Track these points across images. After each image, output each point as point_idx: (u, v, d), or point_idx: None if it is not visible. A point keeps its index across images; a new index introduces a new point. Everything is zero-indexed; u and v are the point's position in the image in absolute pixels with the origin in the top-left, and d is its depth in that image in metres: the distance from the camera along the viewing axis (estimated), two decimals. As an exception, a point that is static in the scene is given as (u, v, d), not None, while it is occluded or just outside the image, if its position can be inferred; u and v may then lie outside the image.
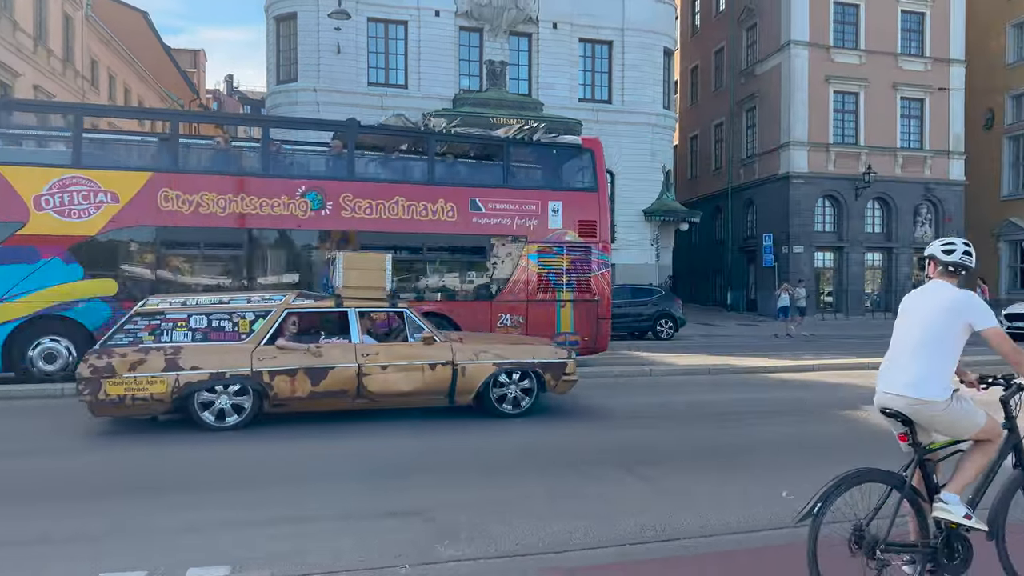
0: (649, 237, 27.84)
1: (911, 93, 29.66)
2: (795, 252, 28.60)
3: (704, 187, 36.38)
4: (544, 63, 26.57)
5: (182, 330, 7.99)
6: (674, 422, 8.86)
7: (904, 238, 29.97)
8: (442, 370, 8.49)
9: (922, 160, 29.98)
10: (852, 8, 29.04)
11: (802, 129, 28.56)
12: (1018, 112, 32.47)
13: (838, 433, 8.35)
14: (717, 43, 34.87)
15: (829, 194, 29.22)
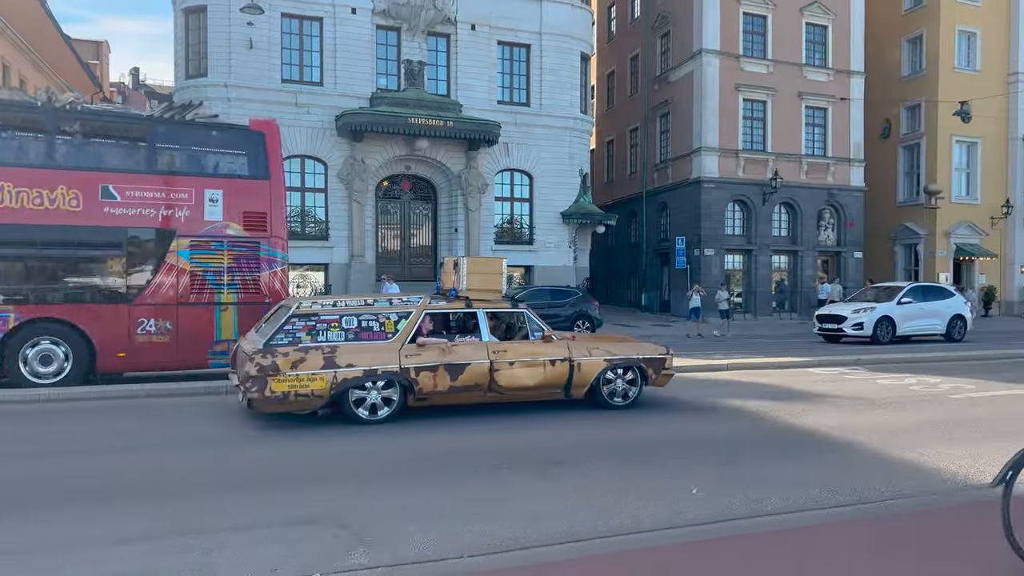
0: (567, 239, 28.17)
1: (815, 102, 30.98)
2: (706, 254, 29.43)
3: (620, 191, 37.05)
4: (462, 64, 26.55)
5: (335, 330, 8.61)
6: (583, 423, 8.95)
7: (808, 241, 31.25)
8: (560, 366, 9.31)
9: (825, 167, 31.34)
10: (760, 19, 30.11)
11: (713, 135, 29.43)
12: (912, 123, 34.35)
13: (745, 430, 8.62)
14: (632, 49, 35.58)
15: (739, 199, 30.20)
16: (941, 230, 32.81)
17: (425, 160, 26.30)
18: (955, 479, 6.53)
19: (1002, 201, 33.79)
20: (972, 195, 33.77)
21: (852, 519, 5.29)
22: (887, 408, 10.01)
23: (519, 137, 27.28)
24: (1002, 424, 9.01)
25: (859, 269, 32.18)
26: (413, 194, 27.23)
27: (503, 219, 27.80)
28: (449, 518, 5.32)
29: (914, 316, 20.38)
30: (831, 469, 6.84)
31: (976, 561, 4.51)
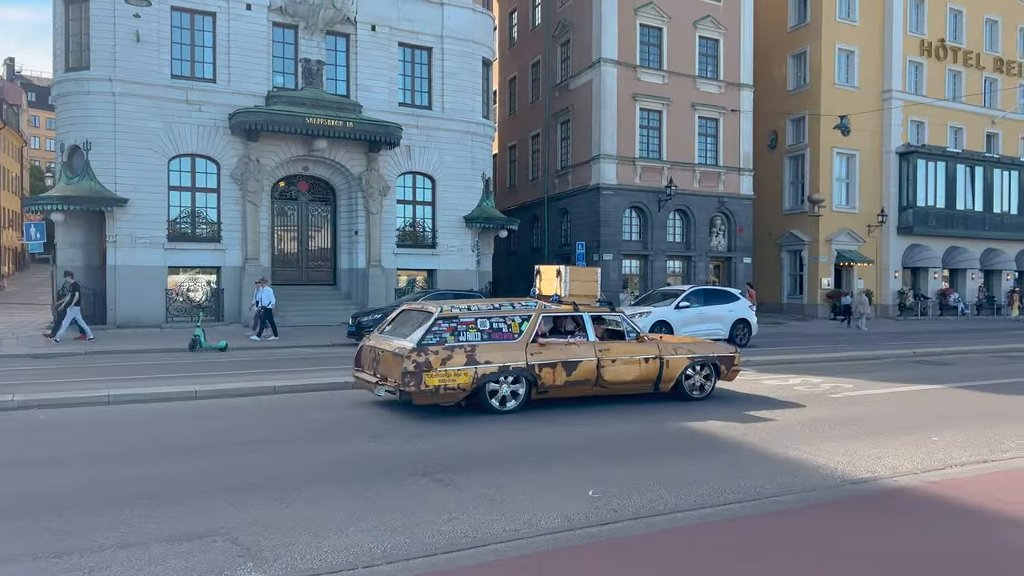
0: (470, 243, 28.16)
1: (707, 113, 32.13)
2: (605, 259, 30.03)
3: (523, 195, 37.36)
4: (362, 65, 26.14)
5: (473, 331, 9.59)
6: (482, 425, 8.94)
7: (701, 247, 32.37)
8: (653, 363, 10.54)
9: (717, 175, 32.55)
10: (656, 31, 31.00)
11: (611, 143, 30.08)
12: (797, 135, 36.15)
13: (646, 432, 8.80)
14: (534, 56, 35.97)
15: (636, 205, 30.98)
16: (823, 237, 34.65)
17: (324, 161, 25.74)
18: (834, 475, 6.86)
19: (878, 210, 35.99)
20: (851, 204, 35.82)
21: (737, 516, 5.47)
22: (779, 409, 10.44)
23: (421, 140, 27.10)
24: (877, 422, 9.55)
25: (748, 274, 33.56)
26: (311, 195, 26.60)
27: (405, 222, 27.53)
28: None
29: (693, 321, 19.33)
30: (721, 468, 7.06)
31: (853, 554, 4.74)
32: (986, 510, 5.64)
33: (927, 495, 6.05)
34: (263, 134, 23.92)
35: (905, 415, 10.02)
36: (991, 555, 4.72)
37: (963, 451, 7.84)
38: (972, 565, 4.55)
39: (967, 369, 15.37)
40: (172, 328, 22.66)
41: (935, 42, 37.32)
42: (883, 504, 5.83)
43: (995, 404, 11.10)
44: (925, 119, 37.12)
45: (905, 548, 4.84)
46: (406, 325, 10.06)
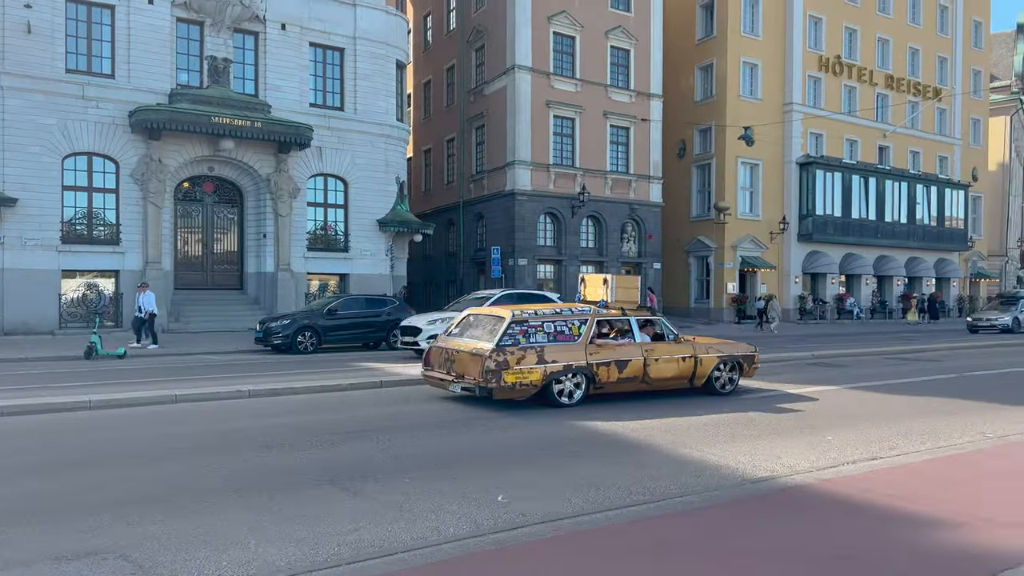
0: (384, 247, 27.85)
1: (619, 122, 32.80)
2: (520, 264, 30.24)
3: (438, 200, 37.22)
4: (272, 64, 25.52)
5: (540, 334, 10.62)
6: (404, 432, 8.83)
7: (613, 252, 32.99)
8: (689, 361, 11.64)
9: (628, 183, 33.25)
10: (569, 40, 31.46)
11: (526, 149, 30.32)
12: (704, 144, 37.31)
13: (552, 435, 8.85)
14: (448, 60, 35.93)
15: (550, 211, 31.32)
16: (729, 243, 35.86)
17: (231, 162, 24.98)
18: (735, 475, 7.07)
19: (779, 218, 37.51)
20: (755, 212, 37.21)
21: (642, 518, 5.56)
22: (681, 409, 10.70)
23: (333, 142, 26.64)
24: (777, 420, 9.91)
25: (658, 279, 34.42)
26: (217, 197, 25.76)
27: (316, 225, 27.00)
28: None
29: None
30: (628, 470, 7.17)
31: (751, 552, 4.88)
32: (875, 505, 5.91)
33: (821, 492, 6.29)
34: (166, 133, 23.03)
35: (803, 415, 10.43)
36: (879, 549, 4.94)
37: (855, 449, 8.22)
38: (862, 559, 4.75)
39: (861, 370, 16.16)
40: (66, 335, 21.53)
41: (832, 58, 39.22)
42: (781, 502, 6.04)
43: (886, 404, 11.69)
44: (823, 131, 38.95)
45: (800, 544, 5.02)
46: (477, 328, 11.12)
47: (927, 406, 11.44)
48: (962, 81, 46.11)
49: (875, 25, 41.26)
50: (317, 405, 10.83)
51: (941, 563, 4.64)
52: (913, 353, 20.66)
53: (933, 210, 43.36)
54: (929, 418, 10.36)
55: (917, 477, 6.86)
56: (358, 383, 12.72)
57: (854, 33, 40.39)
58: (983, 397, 12.47)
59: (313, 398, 11.53)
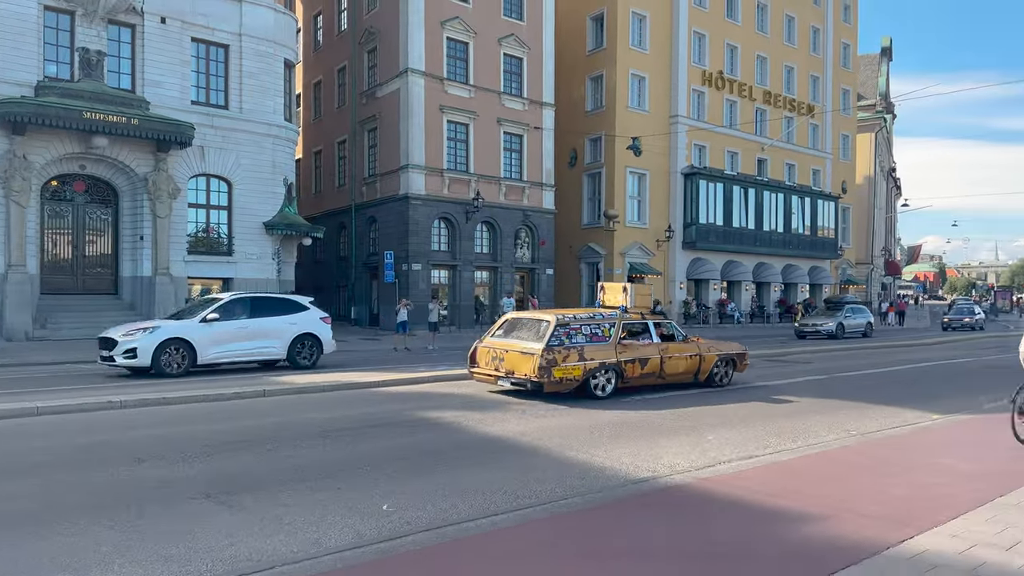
0: (271, 251, 26.97)
1: (512, 129, 33.08)
2: (414, 269, 29.98)
3: (329, 202, 36.42)
4: (151, 59, 24.29)
5: (579, 335, 12.23)
6: (287, 443, 8.54)
7: (507, 258, 33.22)
8: (695, 359, 13.58)
9: (521, 189, 33.58)
10: (462, 45, 31.48)
11: (419, 154, 30.11)
12: (594, 153, 38.14)
13: (442, 441, 8.79)
14: (340, 61, 35.27)
15: (444, 216, 31.21)
16: (618, 250, 36.79)
17: (105, 160, 23.61)
18: (618, 476, 7.21)
19: (665, 226, 38.78)
20: (643, 220, 38.32)
21: (527, 521, 5.58)
22: (568, 412, 10.85)
23: (217, 141, 25.61)
24: (660, 421, 10.20)
25: (551, 284, 34.90)
26: (89, 197, 24.24)
27: (198, 227, 25.85)
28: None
29: (233, 338, 15.51)
30: (515, 474, 7.19)
31: (631, 552, 4.97)
32: (750, 502, 6.15)
33: (699, 491, 6.50)
34: (32, 128, 21.51)
35: (686, 416, 10.79)
36: (752, 544, 5.14)
37: (732, 448, 8.55)
38: (736, 555, 4.93)
39: (743, 374, 16.88)
40: (-88, 344, 19.71)
41: (715, 73, 40.95)
42: (661, 502, 6.20)
43: (763, 404, 12.24)
44: (707, 143, 40.59)
45: (677, 543, 5.16)
46: (522, 330, 12.62)
47: (800, 406, 12.07)
48: (832, 99, 49.12)
49: (754, 43, 43.39)
50: (195, 415, 10.35)
51: (809, 555, 4.87)
52: (789, 355, 21.78)
53: (807, 220, 45.94)
54: (802, 417, 10.92)
55: (789, 474, 7.19)
56: (241, 392, 12.23)
57: (735, 50, 42.32)
58: (849, 397, 13.27)
59: (191, 408, 11.02)
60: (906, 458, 7.97)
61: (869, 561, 4.68)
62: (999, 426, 10.04)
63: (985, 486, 6.68)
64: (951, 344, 29.86)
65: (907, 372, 18.19)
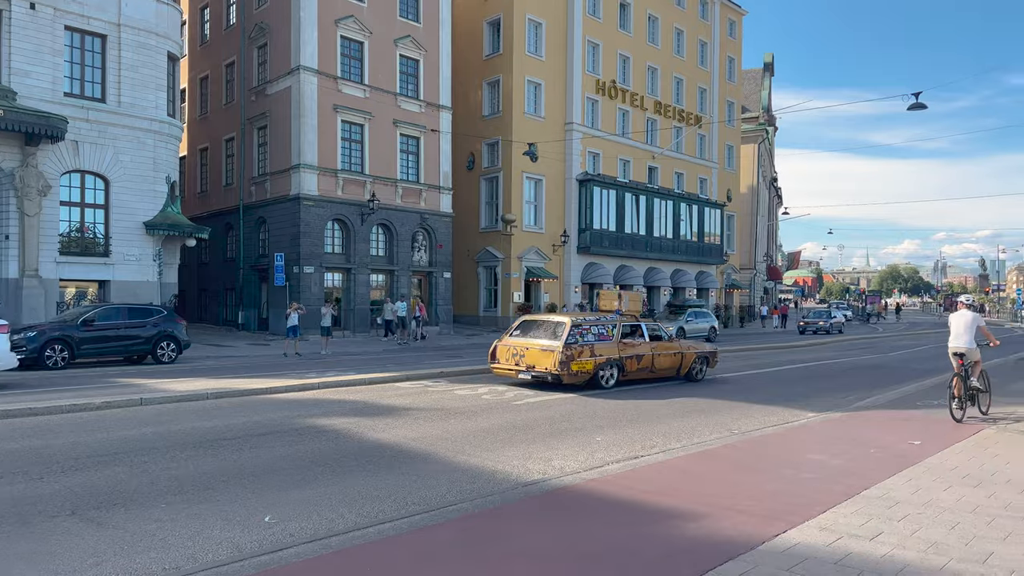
0: (151, 252, 25.66)
1: (409, 131, 32.78)
2: (306, 272, 29.21)
3: (215, 202, 35.03)
4: (18, 47, 22.66)
5: (590, 335, 14.16)
6: (163, 454, 8.10)
7: (404, 261, 32.86)
8: (677, 356, 15.60)
9: (418, 192, 33.31)
10: (357, 44, 30.97)
11: (312, 153, 29.39)
12: (492, 158, 38.29)
13: (330, 449, 8.56)
14: (228, 56, 34.01)
15: (338, 217, 30.57)
16: (515, 254, 37.05)
17: (-35, 153, 21.86)
18: (509, 478, 7.22)
19: (561, 231, 39.37)
20: (539, 225, 38.75)
21: (416, 528, 5.49)
22: (460, 417, 10.81)
23: (93, 136, 24.16)
24: (552, 425, 10.30)
25: (448, 288, 34.78)
26: (-54, 193, 22.40)
27: (71, 227, 24.28)
28: None
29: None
30: (406, 480, 7.09)
31: (519, 554, 4.97)
32: (635, 501, 6.28)
33: (586, 492, 6.59)
34: None
35: (575, 418, 10.94)
36: (635, 543, 5.24)
37: (620, 449, 8.73)
38: (621, 553, 5.00)
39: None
40: None
41: (608, 83, 41.93)
42: (550, 503, 6.24)
43: (648, 406, 12.57)
44: (600, 151, 41.48)
45: (564, 544, 5.19)
46: (539, 330, 14.58)
47: (686, 406, 12.46)
48: (719, 110, 51.22)
49: (646, 54, 44.71)
50: (63, 427, 9.70)
51: (690, 552, 5.00)
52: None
53: (695, 227, 47.67)
54: (687, 417, 11.27)
55: (673, 472, 7.39)
56: (114, 401, 11.56)
57: (628, 60, 43.47)
58: (732, 397, 13.81)
59: (59, 419, 10.32)
60: (782, 455, 8.34)
61: (745, 556, 4.86)
62: (866, 423, 10.69)
63: (853, 480, 7.07)
64: (824, 346, 31.62)
65: (790, 372, 19.12)
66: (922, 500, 6.36)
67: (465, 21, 38.35)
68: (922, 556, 4.91)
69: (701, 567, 4.64)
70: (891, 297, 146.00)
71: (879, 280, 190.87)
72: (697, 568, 4.64)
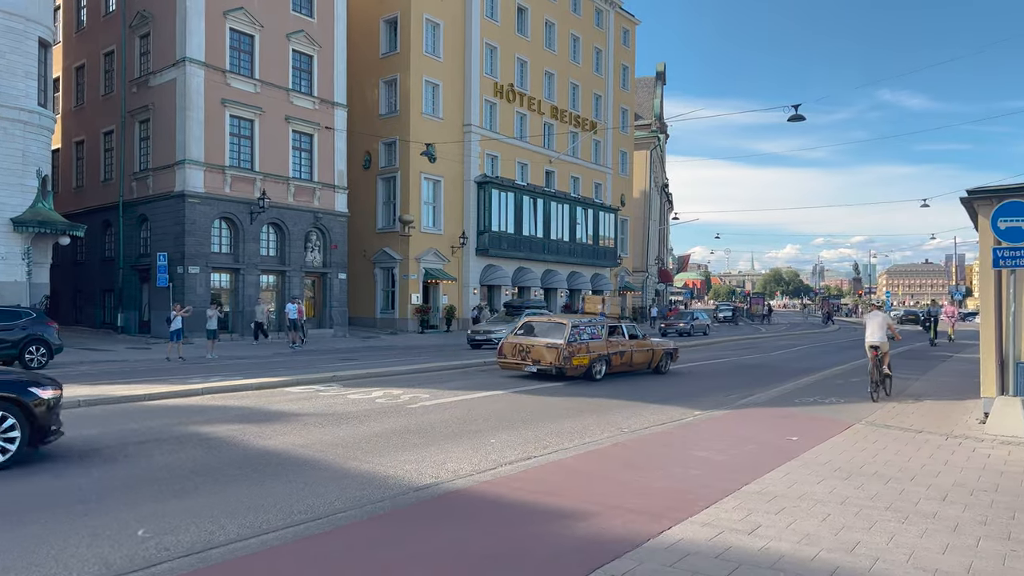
0: (19, 251, 23.96)
1: (302, 128, 31.94)
2: (191, 272, 27.97)
3: (93, 199, 33.06)
4: None
5: (585, 334, 16.44)
6: (17, 468, 7.52)
7: (296, 262, 31.97)
8: (650, 353, 18.08)
9: (312, 191, 32.50)
10: (248, 37, 29.91)
11: (198, 149, 28.18)
12: (389, 157, 37.83)
13: (210, 458, 8.18)
14: (107, 45, 32.17)
15: (226, 216, 29.41)
16: (413, 255, 36.71)
17: None
18: (401, 483, 7.10)
19: (459, 233, 39.32)
20: (437, 226, 38.56)
21: (301, 537, 5.31)
22: (353, 422, 10.57)
23: (-48, 125, 22.35)
24: (446, 428, 10.22)
25: (343, 290, 34.09)
26: None
27: (-74, 223, 22.38)
28: None
29: None
30: (292, 488, 6.86)
31: (409, 559, 4.88)
32: (526, 502, 6.30)
33: (479, 494, 6.56)
34: None
35: (471, 420, 10.90)
36: (525, 543, 5.24)
37: (513, 450, 8.75)
38: (510, 555, 4.99)
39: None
40: None
41: (506, 86, 42.20)
42: (441, 507, 6.17)
43: (543, 406, 12.68)
44: (499, 153, 41.69)
45: (458, 548, 5.14)
46: (543, 329, 16.80)
47: (579, 406, 12.64)
48: (613, 117, 52.47)
49: (543, 59, 45.28)
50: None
51: (578, 552, 5.03)
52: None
53: (590, 230, 48.64)
54: (580, 417, 11.43)
55: (564, 472, 7.46)
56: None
57: (525, 64, 43.89)
58: (623, 396, 14.11)
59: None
60: (669, 453, 8.57)
61: (631, 554, 4.94)
62: (749, 420, 11.14)
63: (735, 476, 7.33)
64: (710, 347, 32.85)
65: (676, 371, 19.73)
66: (797, 493, 6.66)
67: (361, 18, 37.76)
68: (795, 547, 5.13)
69: (589, 566, 4.69)
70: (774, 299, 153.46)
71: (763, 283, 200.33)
72: (585, 567, 4.67)
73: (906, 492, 6.75)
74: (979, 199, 11.00)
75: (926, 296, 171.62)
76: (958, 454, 8.55)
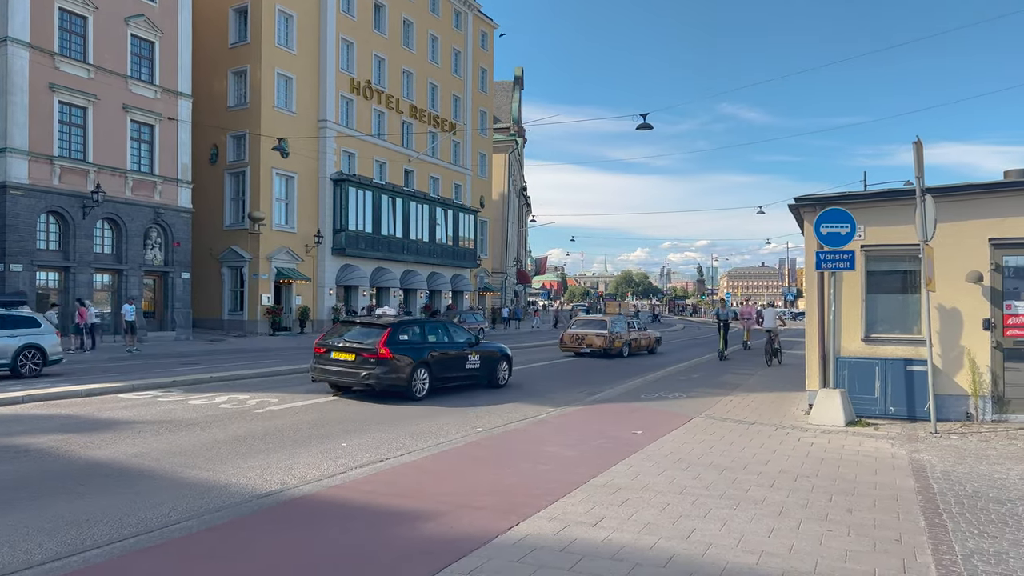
0: None
1: (141, 117, 29.98)
2: (13, 270, 25.57)
3: None
4: None
5: (617, 326, 24.78)
6: None
7: (135, 260, 29.95)
8: (650, 339, 27.21)
9: (153, 185, 30.57)
10: (80, 19, 27.73)
11: (22, 137, 25.81)
12: (238, 152, 36.21)
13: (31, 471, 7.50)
14: (-87, 17, 28.84)
15: (54, 210, 27.12)
16: (264, 254, 35.32)
17: None
18: (244, 491, 6.79)
19: (315, 231, 38.24)
20: (291, 224, 37.30)
21: (130, 551, 4.95)
22: (194, 429, 10.02)
23: None
24: (295, 433, 9.88)
25: (187, 290, 32.30)
26: None
27: None
28: None
29: None
30: (122, 501, 6.40)
31: (255, 567, 4.66)
32: (374, 505, 6.19)
33: (327, 499, 6.38)
34: None
35: (322, 424, 10.61)
36: (372, 547, 5.14)
37: (365, 453, 8.59)
38: (359, 559, 4.88)
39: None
40: None
41: (363, 83, 41.49)
42: (287, 514, 5.95)
43: (395, 409, 12.54)
44: (356, 151, 40.91)
45: (298, 554, 4.97)
46: (590, 324, 25.15)
47: (431, 411, 12.60)
48: (472, 119, 52.80)
49: (401, 57, 44.88)
50: None
51: (424, 553, 5.00)
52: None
53: (450, 231, 48.68)
54: (436, 418, 11.40)
55: (416, 473, 7.40)
56: None
57: (383, 62, 43.33)
58: (465, 404, 14.19)
59: None
60: (522, 449, 8.71)
61: (479, 551, 4.96)
62: (598, 415, 11.51)
63: (583, 469, 7.55)
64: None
65: (535, 370, 20.10)
66: (640, 485, 6.94)
67: (208, 5, 35.97)
68: (636, 537, 5.33)
69: (435, 566, 4.66)
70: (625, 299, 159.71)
71: (615, 284, 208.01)
72: (432, 567, 4.65)
73: (738, 480, 7.19)
74: (805, 206, 11.92)
75: (763, 297, 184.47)
76: (785, 443, 9.21)
